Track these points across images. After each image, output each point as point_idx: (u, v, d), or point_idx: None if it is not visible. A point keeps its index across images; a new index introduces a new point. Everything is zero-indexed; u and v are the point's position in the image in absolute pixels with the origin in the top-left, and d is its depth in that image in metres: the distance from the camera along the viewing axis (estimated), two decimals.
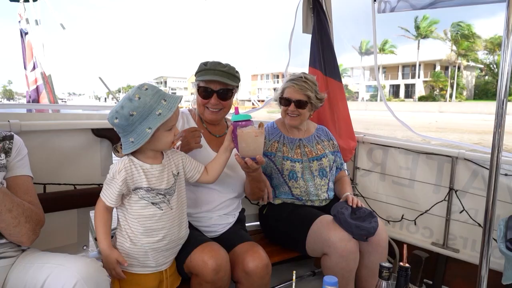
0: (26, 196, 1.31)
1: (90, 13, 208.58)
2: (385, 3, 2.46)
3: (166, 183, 1.36)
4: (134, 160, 1.32)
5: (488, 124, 23.65)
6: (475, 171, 2.15)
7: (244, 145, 1.43)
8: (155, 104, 1.23)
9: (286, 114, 2.07)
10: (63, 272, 1.11)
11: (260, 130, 1.43)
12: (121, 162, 1.30)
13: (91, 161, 1.86)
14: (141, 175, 1.31)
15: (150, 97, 1.23)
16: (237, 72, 1.70)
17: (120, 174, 1.28)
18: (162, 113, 1.22)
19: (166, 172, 1.38)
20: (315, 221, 1.86)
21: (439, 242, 2.31)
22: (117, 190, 1.28)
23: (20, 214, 1.19)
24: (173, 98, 1.28)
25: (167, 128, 1.29)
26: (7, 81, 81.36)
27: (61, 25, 3.08)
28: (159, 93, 1.26)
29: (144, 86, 1.26)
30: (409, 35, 41.60)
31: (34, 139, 1.67)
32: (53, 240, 1.74)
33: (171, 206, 1.38)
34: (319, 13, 2.58)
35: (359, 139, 2.66)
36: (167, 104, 1.24)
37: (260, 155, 1.45)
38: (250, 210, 2.30)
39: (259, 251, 1.57)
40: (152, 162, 1.35)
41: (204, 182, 1.56)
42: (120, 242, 1.37)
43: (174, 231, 1.40)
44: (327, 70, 2.58)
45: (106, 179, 1.32)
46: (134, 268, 1.37)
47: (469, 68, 42.18)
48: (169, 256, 1.44)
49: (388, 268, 1.16)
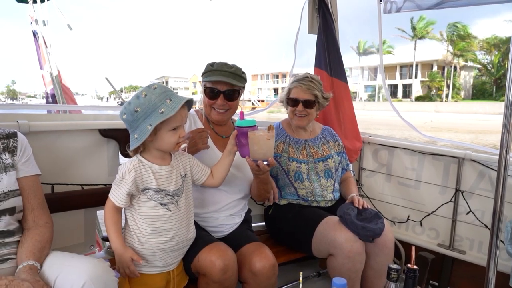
0: (35, 199, 1.33)
1: (93, 13, 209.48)
2: (391, 3, 2.45)
3: (174, 184, 1.37)
4: (143, 160, 1.33)
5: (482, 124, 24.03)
6: (481, 172, 2.14)
7: (256, 148, 1.45)
8: (159, 102, 1.24)
9: (294, 114, 2.07)
10: (72, 273, 1.12)
11: (271, 133, 1.45)
12: (130, 163, 1.31)
13: (98, 161, 1.87)
14: (150, 175, 1.32)
15: (156, 96, 1.24)
16: (243, 73, 1.70)
17: (129, 175, 1.28)
18: (164, 111, 1.22)
19: (175, 173, 1.39)
20: (321, 222, 1.86)
21: (445, 244, 2.30)
22: (127, 190, 1.29)
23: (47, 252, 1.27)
24: (179, 98, 1.27)
25: (170, 128, 1.28)
26: (11, 81, 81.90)
27: (68, 26, 3.09)
28: (166, 93, 1.26)
29: (154, 86, 1.28)
30: (406, 35, 42.03)
31: (42, 140, 1.68)
32: (61, 240, 1.75)
33: (179, 207, 1.38)
34: (324, 13, 2.58)
35: (364, 140, 2.66)
36: (171, 104, 1.24)
37: (272, 157, 1.48)
38: (255, 211, 2.30)
39: (266, 251, 1.57)
40: (160, 163, 1.36)
41: (210, 186, 1.57)
42: (129, 243, 1.37)
43: (183, 232, 1.41)
44: (333, 70, 2.58)
45: (115, 179, 1.32)
46: (142, 268, 1.38)
47: (467, 68, 42.52)
48: (177, 256, 1.44)
49: (397, 270, 1.16)
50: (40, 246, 1.24)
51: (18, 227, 1.29)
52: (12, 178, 1.27)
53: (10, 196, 1.25)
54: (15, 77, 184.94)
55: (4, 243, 1.22)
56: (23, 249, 1.22)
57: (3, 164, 1.27)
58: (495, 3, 2.23)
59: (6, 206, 1.24)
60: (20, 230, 1.30)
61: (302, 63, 2.91)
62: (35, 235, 1.27)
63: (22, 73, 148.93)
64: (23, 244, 1.24)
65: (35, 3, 3.07)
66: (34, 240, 1.25)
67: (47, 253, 1.26)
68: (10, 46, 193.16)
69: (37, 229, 1.29)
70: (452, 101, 38.58)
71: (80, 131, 1.82)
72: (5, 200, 1.24)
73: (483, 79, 41.89)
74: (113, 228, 1.33)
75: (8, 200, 1.24)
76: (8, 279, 1.06)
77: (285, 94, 2.11)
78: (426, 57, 42.23)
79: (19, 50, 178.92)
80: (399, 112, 2.71)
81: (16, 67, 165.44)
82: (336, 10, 2.73)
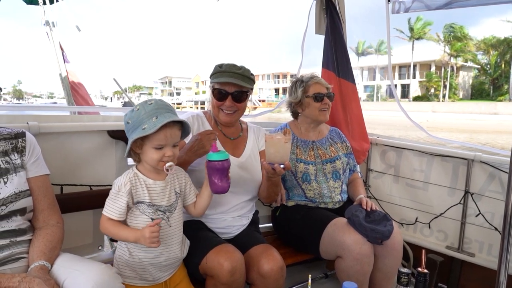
0: (46, 199, 1.34)
1: (96, 14, 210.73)
2: (400, 3, 2.44)
3: (167, 200, 1.37)
4: (138, 174, 1.34)
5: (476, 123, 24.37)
6: (491, 174, 2.12)
7: (272, 151, 1.46)
8: (146, 118, 1.26)
9: (321, 110, 2.05)
10: (78, 278, 1.13)
11: (288, 136, 1.47)
12: (126, 176, 1.33)
13: (106, 162, 1.88)
14: (144, 189, 1.33)
15: (146, 112, 1.27)
16: (252, 75, 1.70)
17: (125, 187, 1.29)
18: (146, 128, 1.24)
19: (169, 189, 1.39)
20: (329, 224, 1.85)
21: (454, 246, 2.28)
22: (124, 202, 1.29)
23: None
24: (164, 118, 1.25)
25: (152, 145, 1.28)
26: (17, 81, 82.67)
27: (76, 27, 3.12)
28: (157, 111, 1.27)
29: (150, 101, 1.30)
30: (404, 36, 42.30)
31: (52, 141, 1.70)
32: (69, 240, 1.75)
33: (170, 224, 1.38)
34: (332, 14, 2.57)
35: (372, 141, 2.64)
36: (155, 122, 1.24)
37: (288, 161, 1.49)
38: (263, 212, 2.30)
39: (274, 253, 1.57)
40: (155, 178, 1.36)
41: (191, 213, 1.52)
42: (120, 254, 1.38)
43: (173, 249, 1.41)
44: (340, 71, 2.57)
45: (110, 194, 1.32)
46: (132, 280, 1.38)
47: (466, 68, 42.76)
48: (167, 270, 1.44)
49: (407, 274, 1.16)
50: (51, 246, 1.25)
51: (29, 226, 1.31)
52: (22, 179, 1.29)
53: (21, 197, 1.26)
54: (21, 77, 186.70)
55: (16, 241, 1.24)
56: (34, 248, 1.23)
57: (13, 164, 1.28)
58: (503, 3, 2.20)
59: (17, 207, 1.25)
60: (31, 229, 1.31)
61: (305, 63, 2.91)
62: (46, 234, 1.28)
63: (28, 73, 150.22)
64: (34, 244, 1.25)
65: (45, 4, 3.10)
66: (45, 240, 1.26)
67: (57, 253, 1.27)
68: (16, 46, 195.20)
69: (48, 229, 1.30)
70: (449, 101, 38.88)
71: (89, 132, 1.83)
72: (17, 201, 1.25)
73: (482, 79, 42.17)
74: (117, 229, 1.30)
75: (19, 200, 1.26)
76: (20, 276, 1.09)
77: (301, 95, 2.06)
78: (424, 57, 42.62)
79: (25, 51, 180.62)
80: (406, 112, 2.70)
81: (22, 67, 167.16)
82: (344, 10, 2.72)
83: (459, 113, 29.23)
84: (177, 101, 63.78)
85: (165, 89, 77.78)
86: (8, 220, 1.23)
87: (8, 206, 1.23)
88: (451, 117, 27.48)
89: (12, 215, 1.24)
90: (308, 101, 2.05)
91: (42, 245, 1.24)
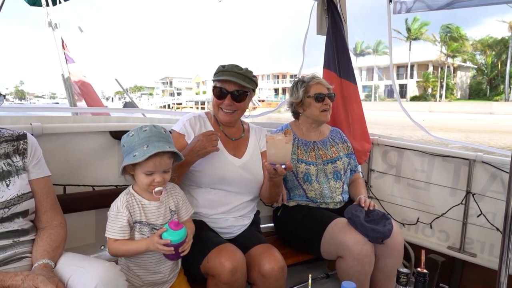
0: (48, 201, 1.35)
1: (97, 14, 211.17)
2: (401, 3, 2.44)
3: (162, 219, 1.40)
4: (134, 194, 1.38)
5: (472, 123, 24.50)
6: (493, 174, 2.12)
7: (274, 151, 1.48)
8: (138, 145, 1.29)
9: (322, 111, 2.06)
10: (84, 275, 1.14)
11: (289, 137, 1.48)
12: (123, 197, 1.37)
13: (109, 162, 1.89)
14: (140, 210, 1.36)
15: (139, 138, 1.30)
16: (254, 76, 1.71)
17: (123, 207, 1.34)
18: (136, 156, 1.27)
19: (164, 208, 1.41)
20: (330, 224, 1.85)
21: (456, 246, 2.28)
22: (125, 221, 1.33)
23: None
24: (154, 148, 1.27)
25: (142, 171, 1.32)
26: (19, 82, 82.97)
27: (79, 28, 3.13)
28: (149, 138, 1.29)
29: (145, 128, 1.32)
30: (401, 36, 42.39)
31: (55, 141, 1.71)
32: (72, 240, 1.76)
33: None
34: (333, 14, 2.57)
35: (373, 141, 2.64)
36: (145, 151, 1.27)
37: (289, 161, 1.50)
38: (264, 212, 2.30)
39: (275, 253, 1.57)
40: (149, 198, 1.39)
41: None
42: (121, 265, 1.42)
43: (170, 267, 1.44)
44: (342, 72, 2.57)
45: (110, 217, 1.35)
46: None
47: (463, 68, 42.96)
48: (164, 284, 1.46)
49: (406, 274, 1.16)
50: (54, 245, 1.26)
51: (31, 226, 1.32)
52: (24, 181, 1.29)
53: (23, 199, 1.27)
54: (23, 77, 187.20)
55: (19, 241, 1.25)
56: (37, 248, 1.25)
57: (15, 167, 1.28)
58: (505, 3, 2.20)
59: (20, 209, 1.26)
60: (34, 229, 1.32)
61: (306, 63, 2.91)
62: (50, 234, 1.29)
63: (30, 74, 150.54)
64: (38, 243, 1.26)
65: (48, 6, 3.12)
66: (49, 240, 1.27)
67: (61, 252, 1.28)
68: (19, 47, 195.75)
69: (52, 229, 1.32)
70: (446, 101, 38.98)
71: (92, 133, 1.84)
72: (19, 203, 1.26)
73: (479, 79, 42.31)
74: (125, 245, 1.33)
75: (22, 203, 1.26)
76: (24, 274, 1.10)
77: (302, 95, 2.06)
78: (422, 58, 42.81)
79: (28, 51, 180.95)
80: (408, 113, 2.70)
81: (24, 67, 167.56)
82: (345, 10, 2.72)
83: (455, 112, 29.43)
84: (177, 101, 63.84)
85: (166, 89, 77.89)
86: (11, 221, 1.24)
87: (11, 208, 1.23)
88: (447, 116, 27.69)
89: (14, 217, 1.25)
90: (309, 102, 2.06)
91: (46, 244, 1.25)
